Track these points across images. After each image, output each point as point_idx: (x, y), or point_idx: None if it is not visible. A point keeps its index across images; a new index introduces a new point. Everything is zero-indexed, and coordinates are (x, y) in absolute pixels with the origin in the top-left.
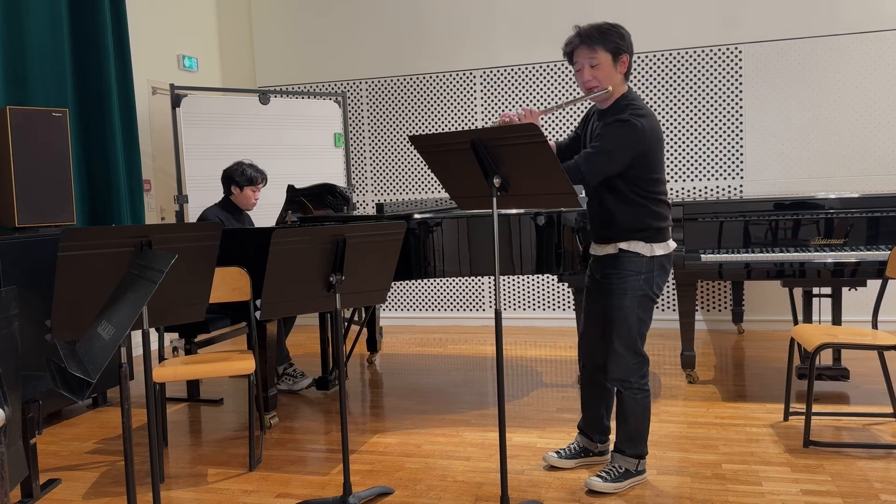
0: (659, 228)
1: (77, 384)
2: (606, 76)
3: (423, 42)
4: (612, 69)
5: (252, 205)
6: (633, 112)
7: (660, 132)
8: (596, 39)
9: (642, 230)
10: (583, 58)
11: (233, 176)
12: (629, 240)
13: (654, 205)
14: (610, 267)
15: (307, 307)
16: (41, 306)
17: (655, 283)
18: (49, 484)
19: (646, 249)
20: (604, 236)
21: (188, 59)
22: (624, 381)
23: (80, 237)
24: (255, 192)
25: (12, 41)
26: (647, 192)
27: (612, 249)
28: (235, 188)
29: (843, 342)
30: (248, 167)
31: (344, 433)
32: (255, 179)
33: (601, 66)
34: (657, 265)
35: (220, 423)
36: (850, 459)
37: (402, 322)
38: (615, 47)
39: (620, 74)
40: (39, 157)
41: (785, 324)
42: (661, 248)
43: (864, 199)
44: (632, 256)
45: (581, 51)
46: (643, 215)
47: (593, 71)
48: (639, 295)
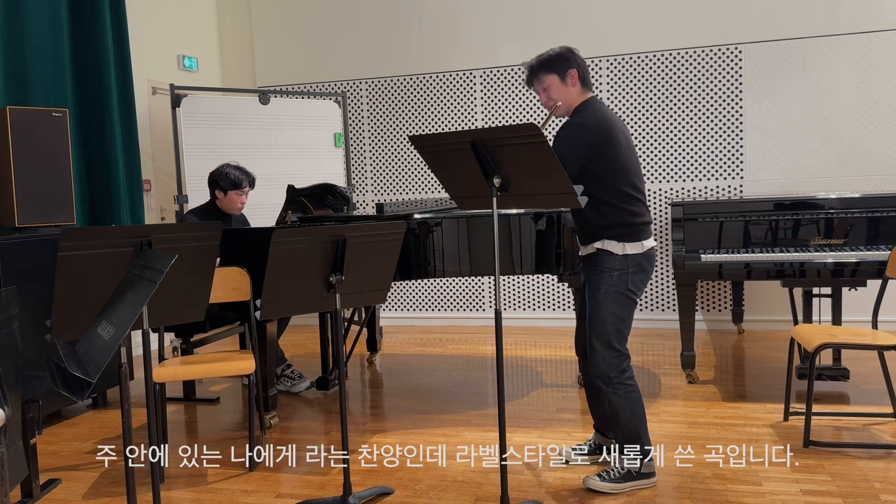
0: (630, 228)
1: (77, 384)
2: (558, 94)
3: (423, 42)
4: (561, 86)
5: (238, 209)
6: (579, 115)
7: (612, 129)
8: (539, 70)
9: (612, 228)
10: (536, 86)
11: (217, 180)
12: (602, 238)
13: (625, 203)
14: (590, 265)
15: (307, 307)
16: (41, 306)
17: (631, 281)
18: (49, 484)
19: (618, 248)
20: (584, 236)
21: (188, 59)
22: (603, 378)
23: (80, 237)
24: (241, 196)
25: (12, 41)
26: (615, 191)
27: (591, 249)
28: (220, 192)
29: (843, 342)
30: (234, 170)
31: (344, 433)
32: (239, 183)
33: (551, 88)
34: (632, 263)
35: (219, 423)
36: (850, 459)
37: (402, 322)
38: (559, 69)
39: (572, 87)
40: (39, 157)
41: (785, 324)
42: (633, 248)
43: (864, 199)
44: (606, 254)
45: (534, 80)
46: (612, 215)
47: (546, 93)
48: (612, 291)
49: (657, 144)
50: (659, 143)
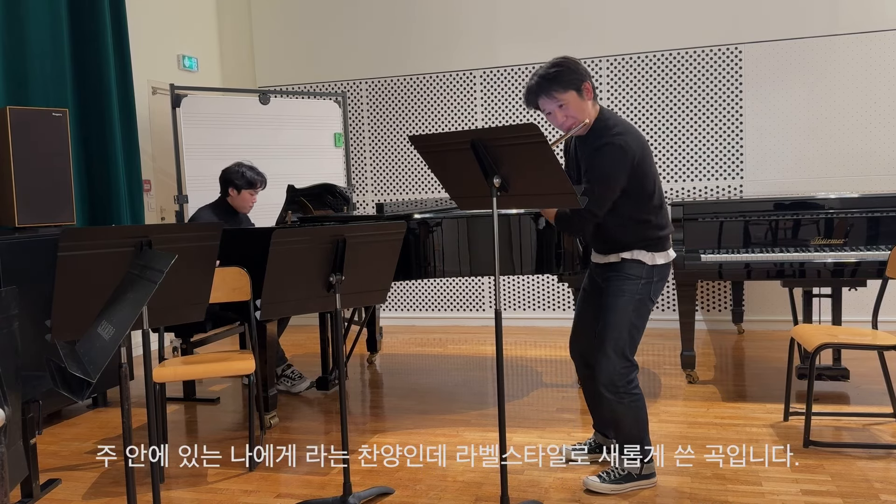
0: (660, 238)
1: (77, 384)
2: (578, 110)
3: (423, 42)
4: (580, 102)
5: (249, 208)
6: (612, 133)
7: (644, 143)
8: (552, 86)
9: (644, 241)
10: (549, 105)
11: (232, 178)
12: (632, 249)
13: (654, 217)
14: (612, 271)
15: (307, 307)
16: (41, 306)
17: (654, 290)
18: (49, 484)
19: (647, 258)
20: (607, 248)
21: (188, 59)
22: (610, 386)
23: (80, 237)
24: (253, 196)
25: (12, 41)
26: (648, 206)
27: (615, 258)
28: (233, 190)
29: (843, 342)
30: (248, 170)
31: (344, 433)
32: (254, 183)
33: (569, 105)
34: (657, 273)
35: (219, 423)
36: (850, 459)
37: (402, 322)
38: (573, 83)
39: (589, 101)
40: (39, 157)
41: (785, 324)
42: (661, 258)
43: (864, 199)
44: (634, 263)
45: (543, 101)
46: (644, 230)
47: (564, 111)
48: (636, 299)
49: (657, 144)
50: (659, 143)
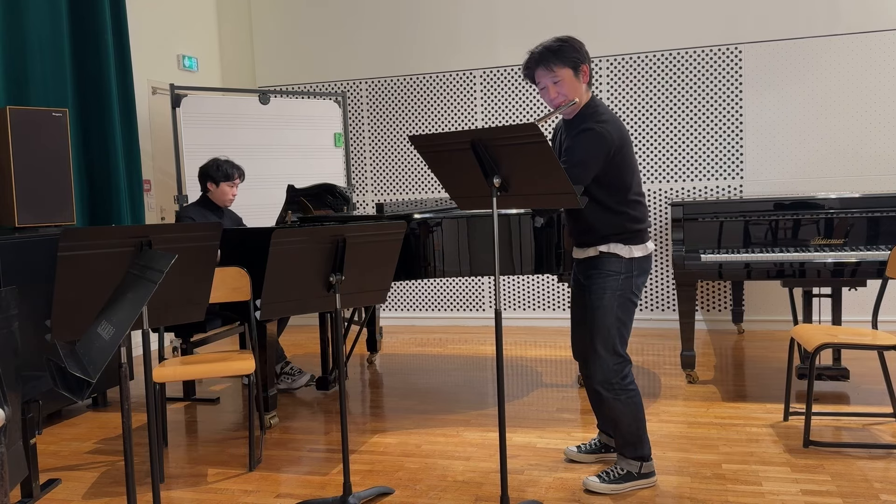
0: (636, 231)
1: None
2: (571, 89)
3: (423, 42)
4: (574, 82)
5: (229, 201)
6: (596, 120)
7: (625, 134)
8: (552, 58)
9: (620, 234)
10: (545, 78)
11: (209, 172)
12: (608, 243)
13: (632, 209)
14: (591, 268)
15: (307, 307)
16: (41, 306)
17: (635, 284)
18: (49, 484)
19: (624, 251)
20: (583, 241)
21: (188, 59)
22: (605, 383)
23: (80, 237)
24: (231, 188)
25: (12, 41)
26: (625, 198)
27: (593, 252)
28: (212, 184)
29: (843, 342)
30: (224, 163)
31: (344, 433)
32: (231, 175)
33: (564, 82)
34: (636, 266)
35: (219, 423)
36: (850, 459)
37: (402, 322)
38: (573, 61)
39: (584, 84)
40: (39, 157)
41: (785, 324)
42: (639, 251)
43: (864, 199)
44: (611, 257)
45: (540, 72)
46: (622, 220)
47: (557, 87)
48: (618, 294)
49: (657, 144)
50: (659, 143)
